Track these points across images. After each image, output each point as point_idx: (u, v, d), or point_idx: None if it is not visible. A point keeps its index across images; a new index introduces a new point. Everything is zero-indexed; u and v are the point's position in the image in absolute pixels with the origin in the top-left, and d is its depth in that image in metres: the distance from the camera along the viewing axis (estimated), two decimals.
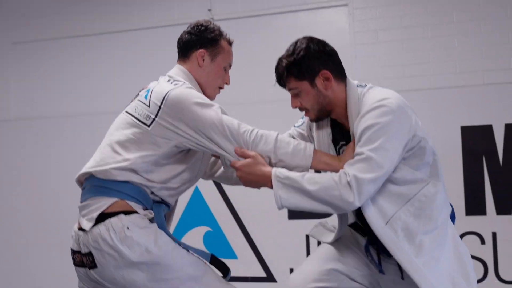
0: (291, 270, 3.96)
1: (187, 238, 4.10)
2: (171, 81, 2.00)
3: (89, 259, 1.86)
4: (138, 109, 1.95)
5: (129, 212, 1.87)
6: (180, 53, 2.14)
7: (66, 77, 4.71)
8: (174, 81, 1.99)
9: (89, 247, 1.85)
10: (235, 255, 4.10)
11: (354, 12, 4.11)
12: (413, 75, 3.95)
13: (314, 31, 2.06)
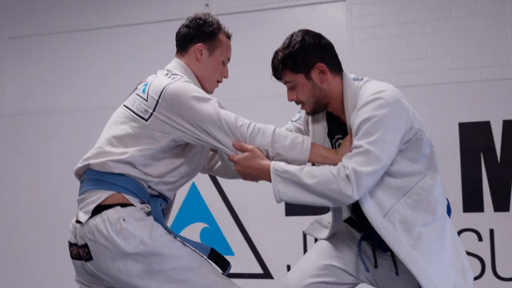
0: (288, 266, 3.95)
1: (183, 234, 3.96)
2: (169, 75, 1.99)
3: (85, 251, 1.86)
4: (136, 103, 1.95)
5: (126, 205, 1.87)
6: (178, 46, 2.13)
7: (63, 72, 4.68)
8: (172, 75, 1.99)
9: (85, 239, 1.86)
10: (232, 252, 4.09)
11: (352, 7, 4.10)
12: (411, 71, 3.94)
13: (311, 27, 2.04)
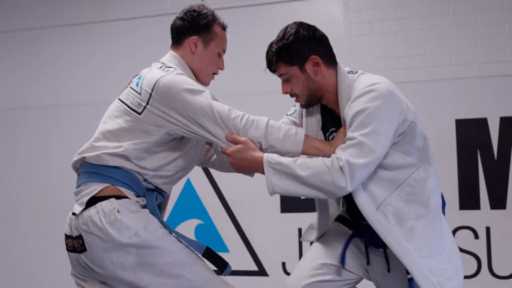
0: (283, 264, 3.95)
1: (178, 231, 4.01)
2: (163, 68, 1.98)
3: (79, 243, 1.86)
4: (130, 96, 1.95)
5: (121, 197, 1.87)
6: (173, 39, 2.12)
7: (60, 66, 4.65)
8: (165, 68, 1.98)
9: (79, 230, 1.85)
10: (227, 249, 4.08)
11: (348, 2, 4.09)
12: (407, 67, 3.93)
13: (308, 21, 2.04)
